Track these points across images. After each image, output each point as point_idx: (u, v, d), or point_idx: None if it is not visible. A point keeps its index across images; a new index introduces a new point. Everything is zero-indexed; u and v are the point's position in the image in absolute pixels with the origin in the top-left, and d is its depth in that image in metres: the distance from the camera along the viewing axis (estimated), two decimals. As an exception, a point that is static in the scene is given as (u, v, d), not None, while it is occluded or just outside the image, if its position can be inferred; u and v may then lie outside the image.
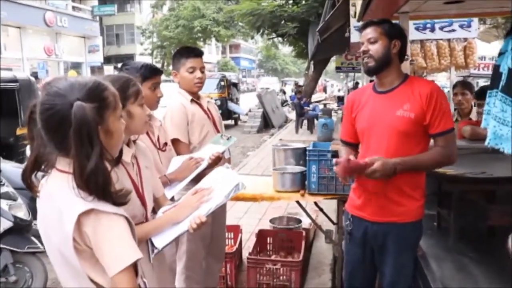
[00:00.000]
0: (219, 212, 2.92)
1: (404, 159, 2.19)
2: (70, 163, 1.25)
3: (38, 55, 25.74)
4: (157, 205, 2.03)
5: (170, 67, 3.09)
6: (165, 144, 2.56)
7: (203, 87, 2.98)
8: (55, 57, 27.31)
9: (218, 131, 2.99)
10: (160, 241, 1.75)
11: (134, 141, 1.95)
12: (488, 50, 11.28)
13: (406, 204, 2.29)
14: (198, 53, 2.95)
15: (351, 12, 4.62)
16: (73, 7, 29.15)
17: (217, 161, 2.58)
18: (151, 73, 2.47)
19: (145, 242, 1.78)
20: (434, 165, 2.31)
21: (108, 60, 33.01)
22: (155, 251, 1.75)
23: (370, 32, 2.30)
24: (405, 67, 2.86)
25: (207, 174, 2.48)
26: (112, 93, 1.34)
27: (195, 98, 2.96)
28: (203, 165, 2.50)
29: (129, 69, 2.45)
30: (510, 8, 2.75)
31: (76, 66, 29.06)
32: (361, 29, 2.38)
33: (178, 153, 2.70)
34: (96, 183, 1.22)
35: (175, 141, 2.79)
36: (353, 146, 2.55)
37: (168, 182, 2.40)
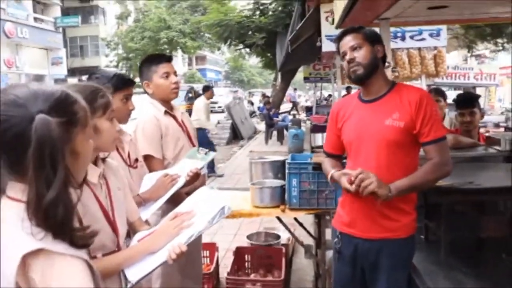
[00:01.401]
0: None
1: (395, 185, 2.03)
2: (25, 190, 0.99)
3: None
4: (133, 230, 1.82)
5: (137, 79, 2.84)
6: (136, 160, 2.34)
7: (178, 93, 2.78)
8: (15, 69, 26.39)
9: (193, 145, 2.78)
10: (134, 274, 1.53)
11: (104, 159, 1.74)
12: (449, 60, 11.50)
13: (399, 219, 2.15)
14: (169, 58, 2.78)
15: (328, 20, 4.52)
16: (35, 18, 28.32)
17: (195, 178, 2.39)
18: (123, 84, 2.26)
19: (117, 275, 1.57)
20: (433, 179, 2.15)
21: (72, 72, 32.16)
22: (129, 285, 1.54)
23: (351, 40, 2.16)
24: (387, 74, 2.75)
25: (184, 192, 2.30)
26: (82, 107, 1.11)
27: (169, 109, 2.76)
28: (180, 182, 2.29)
29: (99, 78, 2.24)
30: (494, 14, 2.69)
31: (39, 78, 28.07)
32: (338, 39, 2.24)
33: (151, 170, 2.49)
34: (54, 218, 0.96)
35: (147, 157, 2.57)
36: (338, 157, 2.40)
37: (142, 202, 2.19)
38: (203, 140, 9.44)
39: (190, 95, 17.96)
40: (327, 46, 5.42)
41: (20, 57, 26.69)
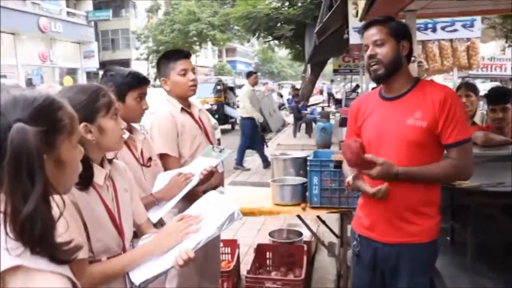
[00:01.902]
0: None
1: (408, 168, 1.97)
2: (3, 200, 0.92)
3: (33, 61, 25.42)
4: (140, 232, 1.79)
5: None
6: (150, 159, 2.30)
7: (196, 91, 2.73)
8: (50, 63, 27.02)
9: (210, 143, 2.72)
10: (138, 277, 1.49)
11: (111, 160, 1.70)
12: (485, 50, 11.10)
13: (421, 223, 2.04)
14: (187, 54, 2.71)
15: (353, 12, 4.39)
16: (68, 13, 28.87)
17: (209, 176, 2.33)
18: (138, 82, 2.22)
19: (122, 277, 1.54)
20: (443, 177, 2.06)
21: (103, 65, 32.65)
22: (134, 287, 1.50)
23: (375, 33, 2.03)
24: (412, 69, 2.63)
25: (201, 191, 2.25)
26: (68, 114, 1.05)
27: (186, 106, 2.70)
28: (194, 181, 2.25)
29: (114, 76, 2.20)
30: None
31: (72, 72, 28.73)
32: (363, 30, 2.11)
33: (167, 169, 2.44)
34: (32, 233, 0.89)
35: (163, 156, 2.53)
36: None
37: (155, 201, 2.16)
38: (250, 131, 9.26)
39: (218, 87, 17.94)
40: (355, 38, 5.27)
41: (54, 51, 27.30)
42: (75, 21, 29.20)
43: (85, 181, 1.48)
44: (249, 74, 9.80)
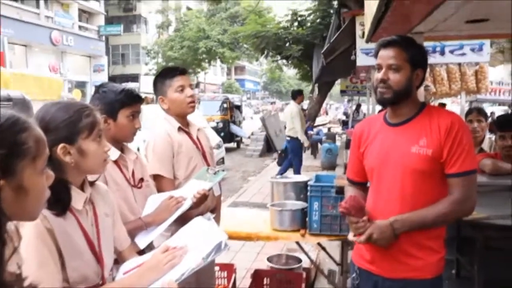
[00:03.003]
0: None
1: (402, 216, 1.86)
2: None
3: (43, 73, 25.63)
4: (121, 259, 1.68)
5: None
6: (141, 180, 2.19)
7: (195, 108, 2.64)
8: (60, 75, 27.20)
9: (208, 165, 2.60)
10: None
11: (93, 183, 1.60)
12: (493, 74, 10.99)
13: (425, 258, 1.92)
14: (183, 71, 2.61)
15: (359, 33, 4.31)
16: (80, 27, 29.22)
17: (202, 200, 2.22)
18: (131, 100, 2.12)
19: None
20: (444, 219, 1.90)
21: (113, 79, 32.91)
22: None
23: (392, 56, 1.90)
24: (419, 93, 2.52)
25: (193, 214, 2.14)
26: (34, 136, 0.95)
27: (184, 125, 2.61)
28: (185, 205, 2.13)
29: (106, 92, 2.11)
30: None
31: (81, 85, 28.91)
32: (379, 48, 1.97)
33: (160, 190, 2.33)
34: None
35: (157, 177, 2.43)
36: (362, 185, 2.18)
37: (144, 226, 2.04)
38: (300, 151, 9.17)
39: (225, 105, 17.93)
40: (362, 60, 5.20)
41: (64, 63, 27.56)
42: (86, 35, 29.54)
43: (62, 206, 1.38)
44: (297, 93, 9.44)
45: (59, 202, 1.36)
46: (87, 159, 1.46)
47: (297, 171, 8.80)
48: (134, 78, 32.95)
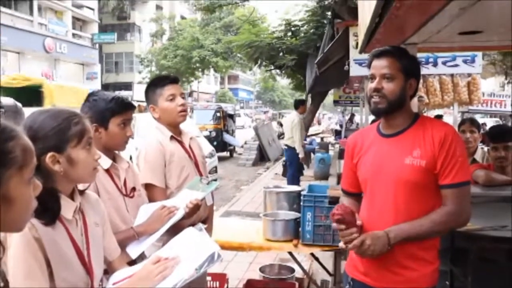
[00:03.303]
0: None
1: (398, 226, 1.84)
2: None
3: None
4: (111, 270, 1.65)
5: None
6: (133, 189, 2.17)
7: (187, 117, 2.61)
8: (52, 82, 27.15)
9: (200, 174, 2.57)
10: None
11: (83, 191, 1.58)
12: (485, 86, 11.10)
13: (418, 269, 1.90)
14: (174, 79, 2.58)
15: (353, 43, 4.33)
16: (73, 34, 29.20)
17: (195, 209, 2.19)
18: (122, 108, 2.10)
19: None
20: (439, 230, 1.89)
21: (106, 87, 32.80)
22: None
23: (386, 66, 1.91)
24: (413, 104, 2.52)
25: (185, 224, 2.12)
26: (21, 145, 0.93)
27: (176, 134, 2.58)
28: (178, 215, 2.11)
29: (96, 100, 2.09)
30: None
31: (73, 93, 28.86)
32: (373, 57, 1.99)
33: (152, 200, 2.30)
34: None
35: (149, 186, 2.40)
36: (355, 196, 2.16)
37: (135, 236, 2.02)
38: (294, 161, 9.09)
39: (218, 114, 17.92)
40: (355, 70, 5.22)
41: (57, 71, 27.48)
42: (80, 42, 29.52)
43: (51, 216, 1.35)
44: (299, 103, 9.34)
45: (48, 212, 1.33)
46: (76, 167, 1.43)
47: (290, 181, 8.75)
48: (128, 86, 32.86)
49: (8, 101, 7.95)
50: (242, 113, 40.88)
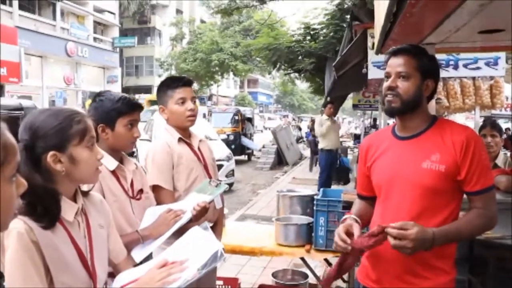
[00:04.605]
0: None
1: (443, 230, 1.72)
2: None
3: (58, 84, 26.01)
4: (117, 272, 1.60)
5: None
6: (141, 191, 2.13)
7: (195, 121, 2.56)
8: (74, 86, 27.56)
9: (210, 177, 2.51)
10: None
11: (87, 192, 1.54)
12: (508, 90, 10.82)
13: (433, 278, 1.82)
14: (187, 82, 2.53)
15: (369, 44, 4.23)
16: (95, 38, 29.59)
17: (203, 213, 2.13)
18: (129, 108, 2.07)
19: None
20: (476, 233, 1.86)
21: (126, 91, 33.19)
22: None
23: (401, 64, 1.84)
24: (430, 106, 2.43)
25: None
26: (1, 142, 0.88)
27: (185, 137, 2.53)
28: (184, 218, 2.05)
29: (103, 101, 2.07)
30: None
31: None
32: (390, 56, 1.92)
33: (159, 202, 2.26)
34: None
35: (156, 188, 2.35)
36: (371, 199, 2.07)
37: (140, 239, 1.97)
38: (322, 163, 9.05)
39: (236, 117, 17.92)
40: (374, 73, 5.13)
41: (79, 74, 27.88)
42: (101, 46, 29.90)
43: (50, 219, 1.31)
44: (323, 105, 9.53)
45: (48, 214, 1.30)
46: (78, 167, 1.40)
47: (320, 184, 8.61)
48: (148, 89, 33.19)
49: (28, 103, 8.07)
50: (266, 116, 40.84)
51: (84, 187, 1.53)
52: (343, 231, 1.82)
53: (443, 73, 5.70)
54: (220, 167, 9.73)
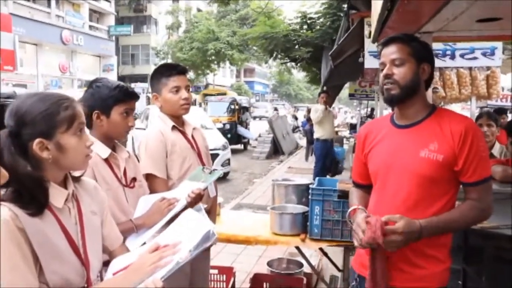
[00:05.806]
0: (200, 255, 2.43)
1: (432, 222, 1.72)
2: None
3: (53, 72, 25.89)
4: (113, 259, 1.58)
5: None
6: (134, 179, 2.11)
7: (189, 110, 2.54)
8: (69, 74, 27.41)
9: (203, 165, 2.49)
10: None
11: (78, 178, 1.51)
12: (505, 81, 10.82)
13: (428, 267, 1.81)
14: (182, 70, 2.49)
15: (366, 33, 4.20)
16: (90, 26, 29.37)
17: (197, 199, 2.11)
18: (125, 96, 2.05)
19: None
20: (467, 224, 1.84)
21: (122, 79, 32.84)
22: None
23: (395, 51, 1.84)
24: (427, 95, 2.42)
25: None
26: None
27: (178, 124, 2.51)
28: (178, 207, 2.03)
29: (100, 87, 2.04)
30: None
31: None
32: (383, 46, 1.91)
33: (153, 191, 2.24)
34: None
35: (150, 176, 2.33)
36: (367, 188, 2.06)
37: (134, 228, 1.96)
38: (317, 152, 9.09)
39: (232, 107, 17.87)
40: (370, 62, 5.09)
41: (74, 63, 27.72)
42: (96, 35, 29.70)
43: (37, 206, 1.28)
44: (318, 94, 9.36)
45: (34, 201, 1.27)
46: (66, 155, 1.36)
47: (315, 174, 8.66)
48: (144, 78, 32.99)
49: (22, 91, 8.01)
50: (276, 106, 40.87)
51: (76, 173, 1.50)
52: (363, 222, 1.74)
53: (439, 63, 5.70)
54: (216, 156, 9.71)
